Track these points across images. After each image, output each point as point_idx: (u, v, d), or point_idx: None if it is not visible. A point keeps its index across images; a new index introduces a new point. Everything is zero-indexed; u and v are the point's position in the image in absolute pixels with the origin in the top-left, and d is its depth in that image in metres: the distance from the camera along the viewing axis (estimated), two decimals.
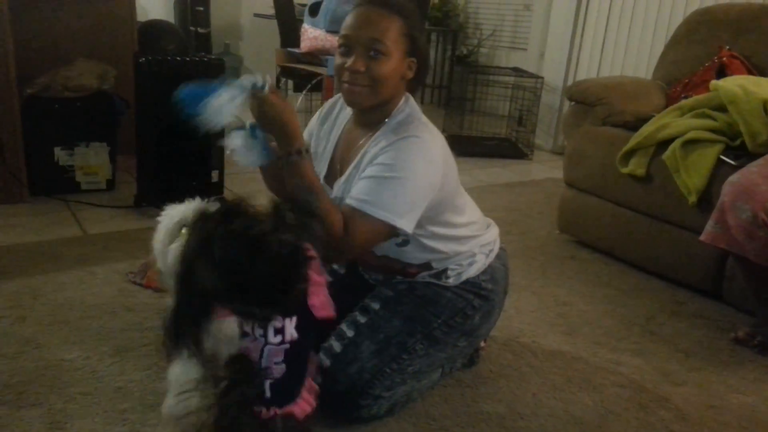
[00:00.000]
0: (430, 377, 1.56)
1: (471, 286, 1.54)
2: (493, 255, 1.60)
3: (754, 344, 1.93)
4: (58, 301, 1.90)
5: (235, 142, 1.38)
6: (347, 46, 1.38)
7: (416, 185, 1.35)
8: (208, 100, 1.26)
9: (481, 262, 1.56)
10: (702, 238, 1.90)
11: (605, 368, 1.77)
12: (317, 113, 1.63)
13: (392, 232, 1.38)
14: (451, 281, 1.53)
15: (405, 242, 1.47)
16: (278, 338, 1.08)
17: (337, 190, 1.47)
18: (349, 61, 1.37)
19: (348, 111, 1.54)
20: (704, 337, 1.99)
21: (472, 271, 1.54)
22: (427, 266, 1.53)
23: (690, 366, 1.82)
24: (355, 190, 1.36)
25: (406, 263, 1.52)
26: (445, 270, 1.53)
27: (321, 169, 1.54)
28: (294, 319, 1.09)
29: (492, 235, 1.62)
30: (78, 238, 2.40)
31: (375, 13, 1.36)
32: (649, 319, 2.09)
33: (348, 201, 1.36)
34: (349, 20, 1.39)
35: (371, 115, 1.44)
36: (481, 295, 1.55)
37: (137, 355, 1.62)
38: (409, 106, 1.46)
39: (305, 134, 1.60)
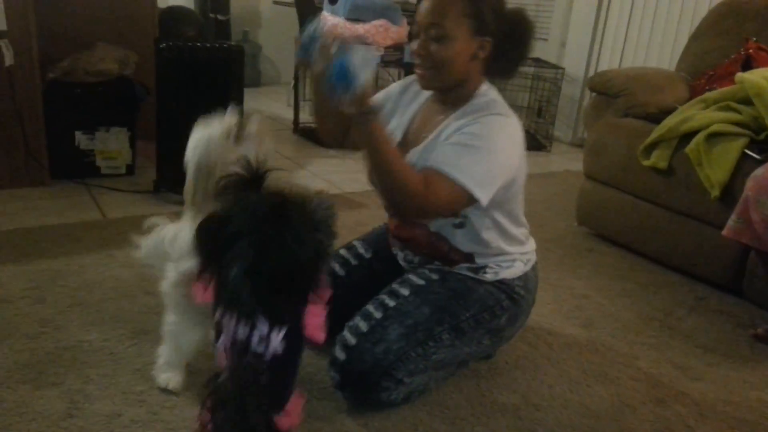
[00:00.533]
0: (448, 369, 1.57)
1: (505, 286, 1.55)
2: (530, 264, 1.62)
3: None
4: (78, 284, 1.92)
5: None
6: (416, 32, 1.44)
7: (498, 159, 1.39)
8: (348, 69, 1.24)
9: (518, 268, 1.57)
10: (724, 233, 1.88)
11: (622, 362, 1.75)
12: (400, 81, 1.68)
13: (469, 200, 1.38)
14: (488, 277, 1.54)
15: (461, 224, 1.49)
16: (261, 347, 0.99)
17: (411, 156, 1.49)
18: (415, 46, 1.42)
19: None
20: (723, 333, 1.97)
21: (508, 274, 1.55)
22: (470, 258, 1.53)
23: (708, 361, 1.80)
24: (439, 154, 1.39)
25: (453, 247, 1.52)
26: (484, 266, 1.54)
27: (397, 135, 1.58)
28: (282, 331, 1.00)
29: (532, 246, 1.65)
30: (98, 221, 2.43)
31: None
32: (667, 313, 2.07)
33: (431, 163, 1.38)
34: (418, 6, 1.44)
35: (450, 93, 1.48)
36: (513, 297, 1.56)
37: (155, 338, 1.62)
38: (491, 92, 1.49)
39: (380, 95, 1.65)
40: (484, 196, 1.37)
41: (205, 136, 1.35)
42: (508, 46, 1.44)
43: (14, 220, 2.35)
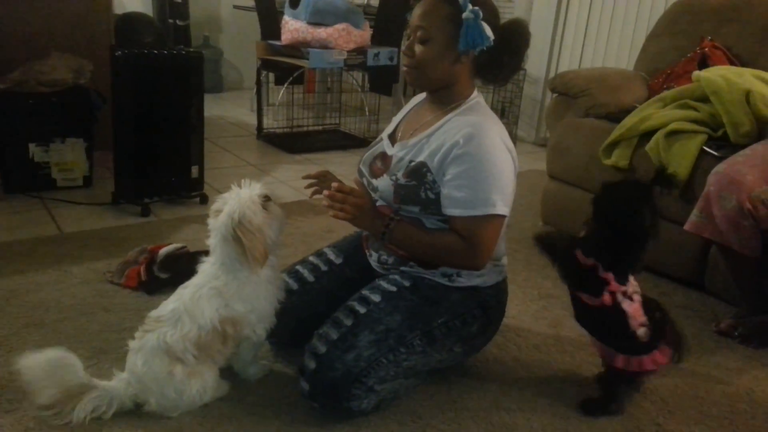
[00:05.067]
0: (419, 377, 1.56)
1: (477, 294, 1.55)
2: (501, 276, 1.62)
3: (736, 335, 1.93)
4: (34, 302, 1.85)
5: None
6: (408, 33, 1.49)
7: (506, 173, 1.44)
8: None
9: (491, 278, 1.57)
10: (686, 227, 1.90)
11: (590, 361, 1.76)
12: None
13: (503, 222, 1.47)
14: (462, 281, 1.53)
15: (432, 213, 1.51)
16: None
17: (398, 149, 1.55)
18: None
19: None
20: (687, 328, 1.98)
21: (480, 281, 1.55)
22: None
23: None
24: (456, 198, 1.42)
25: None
26: (459, 271, 1.53)
27: (389, 128, 1.65)
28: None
29: (505, 260, 1.65)
30: (54, 236, 2.35)
31: (428, 1, 1.46)
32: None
33: (455, 211, 1.43)
34: (413, 10, 1.50)
35: (439, 94, 1.53)
36: (483, 306, 1.56)
37: (115, 357, 1.58)
38: (479, 98, 1.54)
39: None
40: (508, 211, 1.45)
41: (239, 204, 1.40)
42: (500, 55, 1.47)
43: None
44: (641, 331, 1.46)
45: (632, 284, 1.49)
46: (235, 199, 1.41)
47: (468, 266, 1.51)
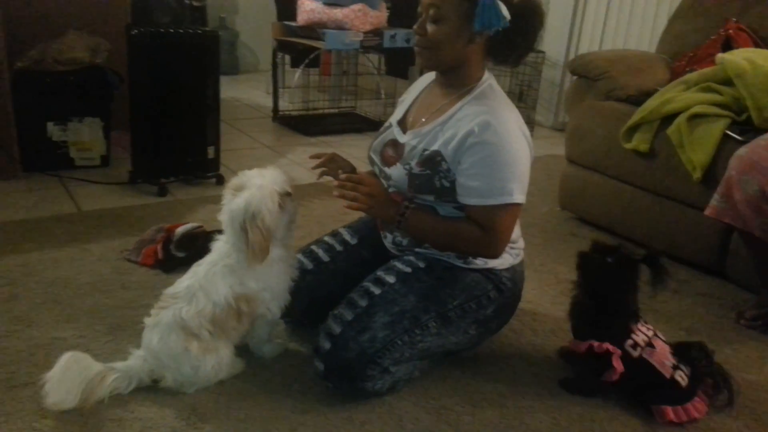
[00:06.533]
0: (433, 359, 1.55)
1: (493, 276, 1.54)
2: (518, 259, 1.61)
3: (759, 324, 1.90)
4: (52, 279, 1.87)
5: None
6: (420, 12, 1.45)
7: (522, 161, 1.42)
8: None
9: (507, 260, 1.57)
10: (707, 212, 1.87)
11: None
12: None
13: (520, 209, 1.45)
14: (477, 263, 1.53)
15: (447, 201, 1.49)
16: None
17: (411, 138, 1.52)
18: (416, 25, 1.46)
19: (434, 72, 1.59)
20: (707, 315, 1.97)
21: (497, 263, 1.54)
22: None
23: None
24: (473, 187, 1.40)
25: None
26: None
27: (398, 114, 1.61)
28: None
29: (521, 243, 1.64)
30: (72, 214, 2.37)
31: None
32: (651, 297, 2.06)
33: (471, 200, 1.41)
34: None
35: (450, 76, 1.50)
36: (499, 288, 1.55)
37: (132, 333, 1.59)
38: (492, 80, 1.50)
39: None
40: (524, 198, 1.43)
41: (260, 198, 1.38)
42: (513, 35, 1.41)
43: None
44: (678, 375, 1.44)
45: (644, 331, 1.50)
46: (257, 189, 1.38)
47: (484, 254, 1.50)
